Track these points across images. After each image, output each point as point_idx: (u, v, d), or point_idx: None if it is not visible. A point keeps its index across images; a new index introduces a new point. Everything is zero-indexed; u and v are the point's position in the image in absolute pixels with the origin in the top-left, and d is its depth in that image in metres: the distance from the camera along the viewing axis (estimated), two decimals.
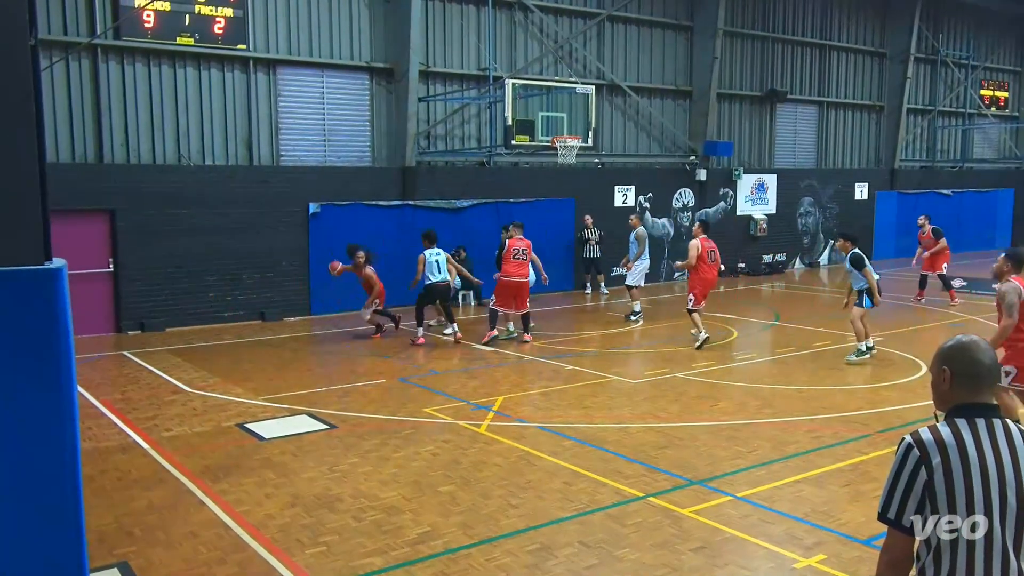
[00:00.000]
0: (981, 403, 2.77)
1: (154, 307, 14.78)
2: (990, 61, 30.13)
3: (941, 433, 2.72)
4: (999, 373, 2.92)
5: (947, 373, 2.83)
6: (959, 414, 2.77)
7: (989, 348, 2.87)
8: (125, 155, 14.74)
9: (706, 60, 21.71)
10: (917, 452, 2.71)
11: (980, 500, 2.64)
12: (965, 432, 2.71)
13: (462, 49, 18.38)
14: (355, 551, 5.85)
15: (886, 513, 2.76)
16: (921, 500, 2.69)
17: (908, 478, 2.71)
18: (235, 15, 15.33)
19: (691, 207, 22.21)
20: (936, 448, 2.69)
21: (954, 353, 2.85)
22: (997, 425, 2.74)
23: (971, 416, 2.75)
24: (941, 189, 28.55)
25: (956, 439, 2.70)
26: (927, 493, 2.68)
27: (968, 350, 2.83)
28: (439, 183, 17.84)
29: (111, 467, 7.67)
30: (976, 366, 2.80)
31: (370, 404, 9.84)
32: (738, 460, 7.76)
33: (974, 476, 2.65)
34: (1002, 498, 2.65)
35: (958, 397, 2.80)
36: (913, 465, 2.70)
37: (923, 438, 2.73)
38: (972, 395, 2.78)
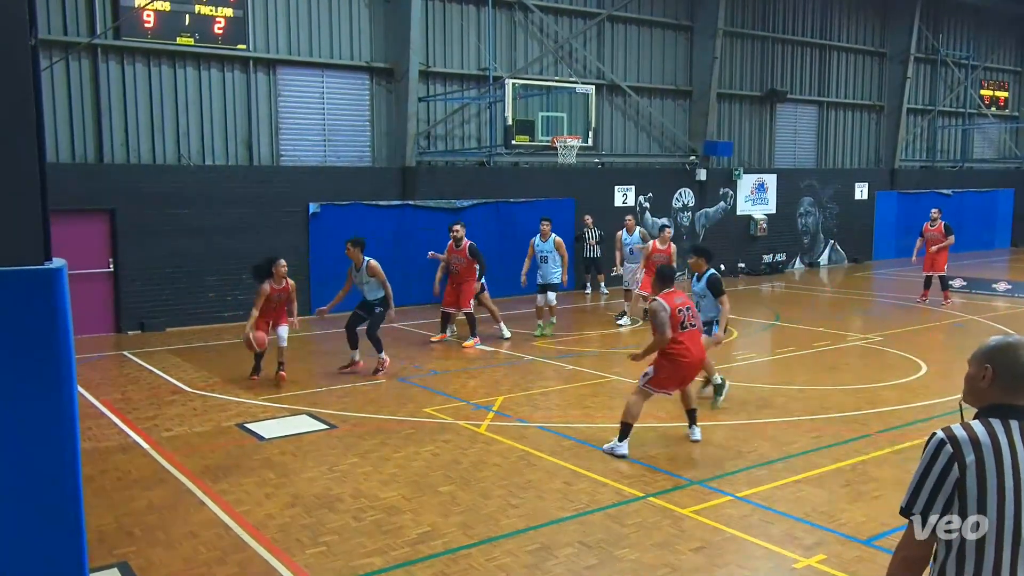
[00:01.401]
0: (1019, 405, 2.71)
1: (154, 307, 14.78)
2: (990, 61, 30.13)
3: (976, 431, 2.66)
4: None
5: (988, 371, 2.75)
6: (995, 414, 2.70)
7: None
8: (125, 155, 14.74)
9: (706, 60, 21.71)
10: (950, 448, 2.63)
11: (1011, 502, 2.59)
12: (1000, 432, 2.65)
13: (462, 49, 18.38)
14: (355, 551, 5.86)
15: (911, 508, 2.68)
16: (950, 498, 2.62)
17: (939, 474, 2.63)
18: (235, 15, 15.33)
19: (691, 207, 22.22)
20: (970, 445, 2.62)
21: (1000, 352, 2.77)
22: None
23: (1007, 417, 2.68)
24: (941, 189, 28.53)
25: (992, 438, 2.63)
26: (957, 491, 2.61)
27: (1015, 350, 2.76)
28: (439, 183, 17.84)
29: (111, 467, 7.67)
30: (1020, 367, 2.72)
31: (370, 404, 9.85)
32: (738, 460, 7.76)
33: (1006, 477, 2.59)
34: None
35: (996, 396, 2.73)
36: (945, 461, 2.62)
37: (956, 435, 2.65)
38: (1011, 396, 2.72)
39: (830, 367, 11.69)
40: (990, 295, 18.50)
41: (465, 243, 13.36)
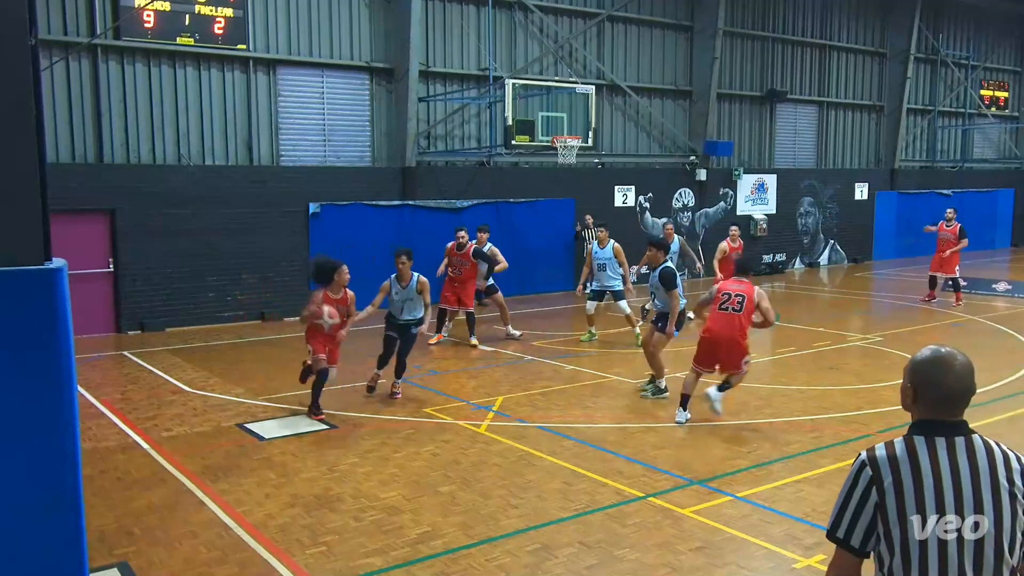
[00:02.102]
0: (944, 420, 2.61)
1: (154, 307, 14.78)
2: (990, 61, 30.12)
3: (896, 450, 2.59)
4: (970, 394, 2.64)
5: (910, 389, 2.67)
6: (919, 430, 2.63)
7: (965, 368, 2.63)
8: (125, 155, 14.74)
9: (706, 60, 21.71)
10: (869, 471, 2.58)
11: (933, 522, 2.50)
12: (921, 450, 2.57)
13: (462, 49, 18.38)
14: (355, 551, 5.85)
15: (835, 532, 2.64)
16: (872, 521, 2.57)
17: (859, 498, 2.59)
18: (235, 15, 15.33)
19: (691, 207, 22.22)
20: (888, 466, 2.56)
21: (921, 370, 2.66)
22: (959, 444, 2.58)
23: (933, 433, 2.60)
24: (941, 189, 28.54)
25: (911, 456, 2.56)
26: (878, 513, 2.56)
27: (937, 368, 2.63)
28: (439, 183, 17.85)
29: (111, 467, 7.67)
30: (940, 389, 2.61)
31: (370, 404, 9.85)
32: (738, 460, 7.76)
33: (927, 497, 2.50)
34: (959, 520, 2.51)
35: (921, 412, 2.66)
36: (865, 485, 2.58)
37: (876, 455, 2.61)
38: (935, 412, 2.62)
39: (830, 367, 11.70)
40: (990, 295, 18.50)
41: (469, 246, 13.37)
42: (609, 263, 13.43)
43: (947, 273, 17.00)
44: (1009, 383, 10.66)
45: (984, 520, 2.50)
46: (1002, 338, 13.74)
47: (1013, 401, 9.76)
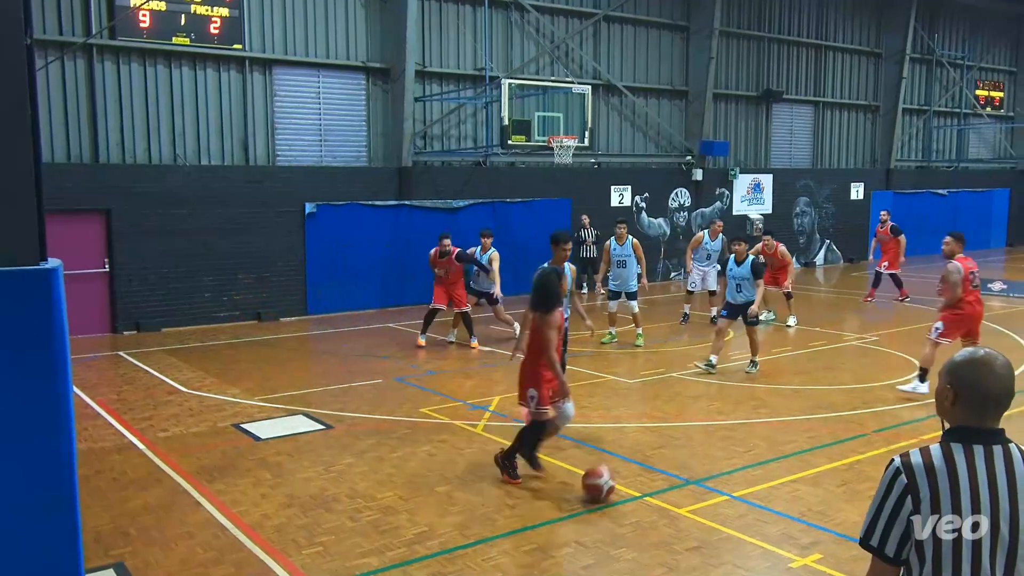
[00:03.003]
0: (983, 428, 2.55)
1: (150, 307, 14.76)
2: (985, 61, 30.19)
3: (933, 458, 2.53)
4: (1010, 398, 2.56)
5: (950, 392, 2.60)
6: (956, 437, 2.57)
7: (1006, 371, 2.56)
8: (121, 155, 14.72)
9: (702, 60, 21.73)
10: (904, 479, 2.53)
11: (968, 532, 2.47)
12: (959, 458, 2.51)
13: (458, 49, 18.38)
14: (351, 551, 5.85)
15: (869, 540, 2.60)
16: (906, 530, 2.53)
17: (894, 506, 2.54)
18: (231, 15, 15.32)
19: (687, 207, 22.24)
20: (925, 475, 2.51)
21: (962, 371, 2.59)
22: (997, 452, 2.52)
23: (970, 441, 2.54)
24: (937, 189, 28.60)
25: (948, 466, 2.51)
26: (913, 524, 2.52)
27: (978, 370, 2.57)
28: (436, 183, 17.84)
29: (107, 468, 7.65)
30: (983, 391, 2.54)
31: (366, 404, 9.84)
32: (734, 460, 7.77)
33: (963, 508, 2.47)
34: (993, 532, 2.48)
35: (960, 418, 2.58)
36: (899, 493, 2.53)
37: (912, 462, 2.55)
38: (976, 418, 2.56)
39: (826, 367, 11.71)
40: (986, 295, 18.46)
41: (452, 251, 13.31)
42: (629, 259, 13.31)
43: (891, 269, 17.73)
44: None
45: (1022, 530, 2.49)
46: (999, 337, 13.77)
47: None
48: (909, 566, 2.56)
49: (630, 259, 13.31)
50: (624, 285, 13.31)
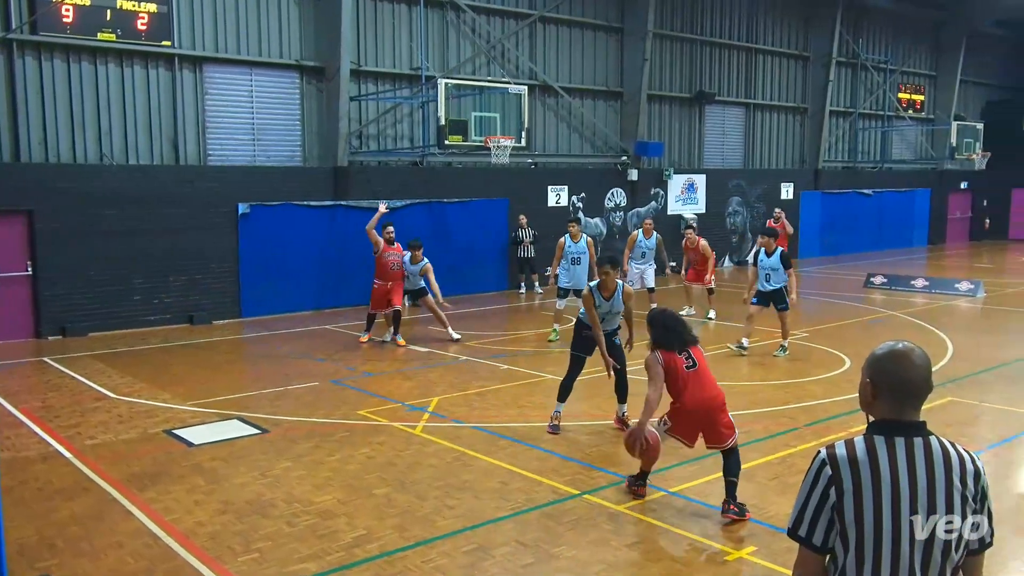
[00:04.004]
0: (905, 420, 2.60)
1: (76, 311, 14.30)
2: (907, 65, 31.24)
3: (857, 450, 2.58)
4: (930, 386, 2.65)
5: (869, 385, 2.65)
6: (879, 430, 2.61)
7: (923, 362, 2.63)
8: (43, 154, 14.24)
9: (636, 61, 22.01)
10: (829, 471, 2.58)
11: (889, 525, 2.53)
12: (881, 450, 2.57)
13: (394, 48, 18.27)
14: (289, 557, 5.76)
15: (797, 530, 2.65)
16: (831, 520, 2.58)
17: (820, 497, 2.60)
18: (159, 11, 14.94)
19: (623, 207, 22.50)
20: (848, 467, 2.56)
21: (881, 363, 2.64)
22: (917, 444, 2.58)
23: (891, 434, 2.59)
24: (862, 189, 29.49)
25: (870, 457, 2.56)
26: (836, 514, 2.57)
27: (898, 362, 2.62)
28: (372, 183, 17.68)
29: (31, 477, 7.39)
30: (902, 382, 2.60)
31: (303, 407, 9.70)
32: (671, 456, 7.87)
33: (884, 499, 2.53)
34: (911, 521, 2.53)
35: (882, 411, 2.63)
36: (825, 484, 2.59)
37: (837, 454, 2.60)
38: (896, 411, 2.61)
39: (759, 363, 11.97)
40: (909, 291, 19.18)
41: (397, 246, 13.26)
42: (583, 257, 13.33)
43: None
44: None
45: (938, 521, 2.54)
46: (921, 332, 14.26)
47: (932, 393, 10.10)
48: (835, 554, 2.62)
49: (584, 256, 13.35)
50: (577, 283, 13.27)
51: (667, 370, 6.50)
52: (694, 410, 6.50)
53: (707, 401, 6.51)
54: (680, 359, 6.54)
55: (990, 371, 11.62)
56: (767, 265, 12.33)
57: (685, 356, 6.56)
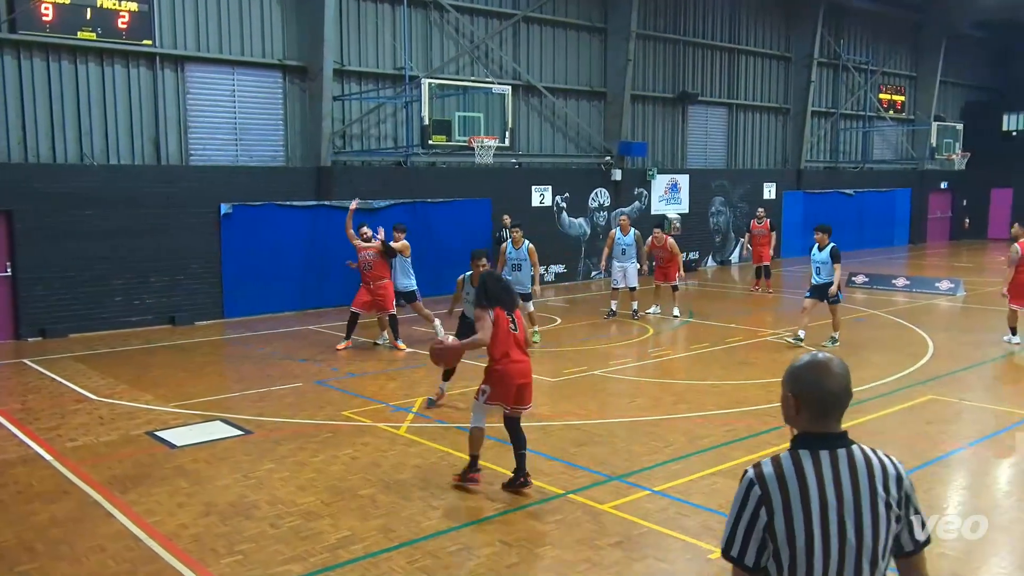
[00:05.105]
0: (827, 433, 2.60)
1: (56, 312, 14.17)
2: (887, 66, 31.49)
3: (784, 468, 2.56)
4: (849, 398, 2.65)
5: (791, 399, 2.63)
6: (803, 444, 2.60)
7: (842, 371, 2.64)
8: (23, 154, 14.11)
9: (620, 62, 22.05)
10: (759, 490, 2.55)
11: (819, 540, 2.51)
12: (807, 465, 2.55)
13: (378, 48, 18.22)
14: (272, 559, 5.74)
15: (729, 551, 2.61)
16: (763, 539, 2.55)
17: (750, 518, 2.56)
18: (140, 9, 14.82)
19: (607, 207, 22.54)
20: (777, 484, 2.54)
21: (801, 375, 2.64)
22: (841, 456, 2.58)
23: (815, 447, 2.58)
24: (844, 189, 29.69)
25: (798, 473, 2.54)
26: (767, 533, 2.54)
27: (816, 373, 2.62)
28: (355, 183, 17.60)
29: (10, 480, 7.32)
30: (824, 394, 2.60)
31: (286, 408, 9.66)
32: (655, 455, 7.91)
33: (814, 515, 2.51)
34: (841, 536, 2.53)
35: (804, 425, 2.62)
36: (755, 504, 2.55)
37: (765, 472, 2.57)
38: (819, 423, 2.60)
39: (742, 362, 12.02)
40: (890, 290, 19.33)
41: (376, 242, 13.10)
42: (524, 264, 13.33)
43: (765, 262, 19.38)
44: (909, 374, 11.17)
45: (865, 531, 2.55)
46: (902, 331, 14.39)
47: (913, 391, 10.22)
48: (768, 573, 2.59)
49: (525, 263, 13.31)
50: (519, 287, 13.05)
51: (496, 324, 6.93)
52: (511, 373, 6.95)
53: (522, 363, 7.03)
54: (507, 320, 7.00)
55: (970, 369, 11.73)
56: (818, 259, 12.96)
57: (511, 319, 7.03)
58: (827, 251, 12.83)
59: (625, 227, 15.74)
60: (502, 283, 7.28)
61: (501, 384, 6.96)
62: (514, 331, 7.03)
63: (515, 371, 6.96)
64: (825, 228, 13.16)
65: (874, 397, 9.90)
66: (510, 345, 6.97)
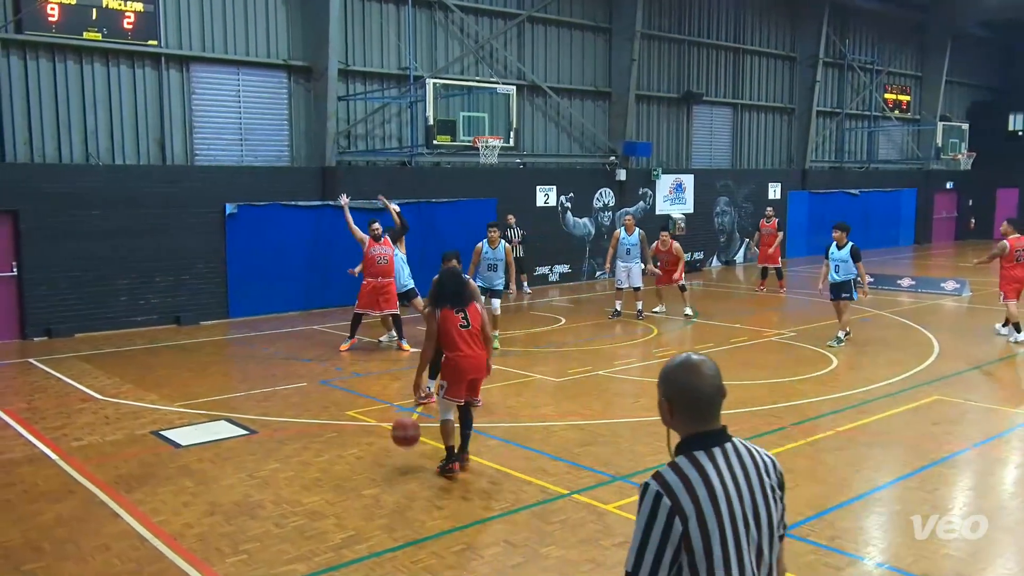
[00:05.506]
0: (712, 430, 2.56)
1: (62, 312, 14.21)
2: (893, 66, 31.42)
3: (687, 473, 2.48)
4: (722, 397, 2.61)
5: (666, 402, 2.60)
6: (695, 446, 2.54)
7: (712, 372, 2.60)
8: (29, 154, 14.15)
9: (624, 62, 22.04)
10: (668, 501, 2.43)
11: (731, 539, 2.45)
12: (708, 467, 2.49)
13: (382, 48, 18.23)
14: (277, 558, 5.74)
15: (638, 571, 2.44)
16: (677, 550, 2.41)
17: (663, 532, 2.42)
18: (145, 10, 14.86)
19: (611, 207, 22.53)
20: (685, 491, 2.44)
21: (672, 378, 2.61)
22: (730, 451, 2.56)
23: (709, 446, 2.54)
24: (849, 189, 29.63)
25: (701, 476, 2.47)
26: (683, 543, 2.41)
27: (687, 375, 2.59)
28: (360, 183, 17.60)
29: (16, 480, 7.34)
30: (698, 395, 2.57)
31: (291, 408, 9.67)
32: (659, 455, 7.89)
33: (724, 516, 2.45)
34: (746, 528, 2.49)
35: (687, 427, 2.58)
36: (667, 516, 2.42)
37: (669, 481, 2.47)
38: (697, 424, 2.57)
39: (746, 362, 12.00)
40: (895, 290, 19.29)
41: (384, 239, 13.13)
42: (500, 264, 13.22)
43: (772, 263, 19.34)
44: (915, 374, 11.15)
45: (762, 519, 2.54)
46: (908, 331, 14.36)
47: (918, 391, 10.19)
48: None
49: (501, 264, 13.22)
50: (490, 284, 13.15)
51: (444, 323, 7.27)
52: (462, 367, 7.25)
53: (474, 358, 7.31)
54: (457, 317, 7.30)
55: (976, 369, 11.70)
56: (837, 257, 13.07)
57: (461, 316, 7.32)
58: (847, 249, 12.98)
59: (630, 227, 15.75)
60: (457, 279, 7.55)
61: (453, 378, 7.30)
62: (465, 327, 7.31)
63: (466, 365, 7.28)
64: (844, 226, 13.29)
65: (880, 397, 9.88)
66: (461, 340, 7.27)
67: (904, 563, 5.65)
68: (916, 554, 5.77)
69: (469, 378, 7.36)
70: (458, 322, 7.29)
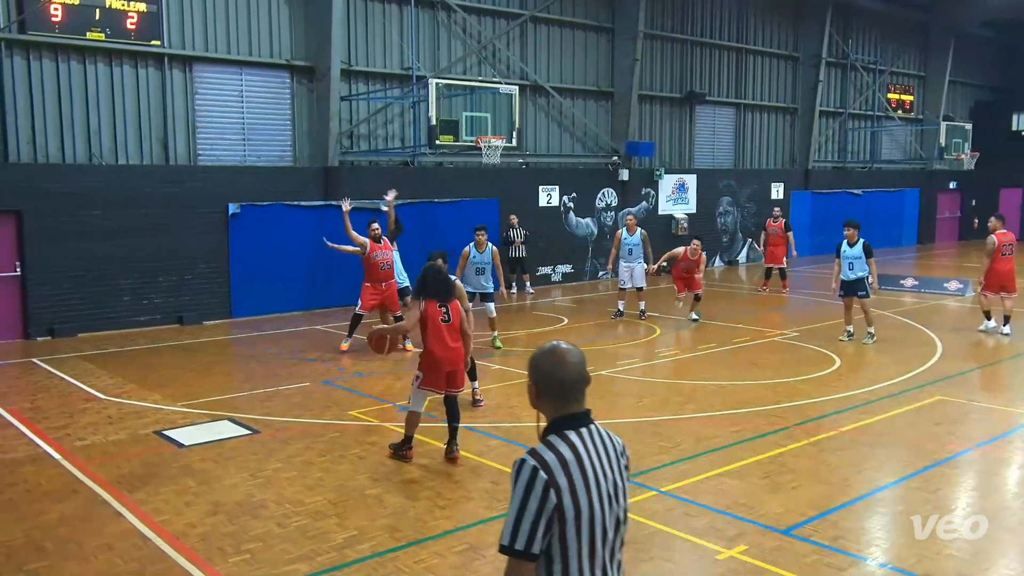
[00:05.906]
0: (578, 412, 2.75)
1: (65, 312, 14.23)
2: (896, 66, 31.37)
3: (560, 450, 2.67)
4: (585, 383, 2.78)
5: (533, 387, 2.79)
6: (565, 426, 2.73)
7: (576, 360, 2.76)
8: (32, 154, 14.17)
9: (627, 62, 22.03)
10: (544, 475, 2.61)
11: (598, 510, 2.67)
12: (578, 444, 2.70)
13: (385, 48, 18.24)
14: (279, 558, 5.75)
15: (514, 544, 2.59)
16: (550, 521, 2.60)
17: (539, 504, 2.59)
18: (148, 10, 14.87)
19: (614, 207, 22.52)
20: (560, 468, 2.63)
21: (538, 365, 2.79)
22: (594, 432, 2.77)
23: (576, 427, 2.73)
24: (852, 189, 29.59)
25: (574, 454, 2.67)
26: (556, 515, 2.60)
27: (551, 362, 2.76)
28: (362, 183, 17.61)
29: (19, 479, 7.35)
30: (560, 382, 2.74)
31: (293, 408, 9.68)
32: (662, 455, 7.89)
33: (592, 489, 2.66)
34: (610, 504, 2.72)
35: (553, 409, 2.77)
36: (542, 489, 2.59)
37: (546, 458, 2.64)
38: (563, 407, 2.75)
39: (749, 362, 11.99)
40: (898, 291, 19.26)
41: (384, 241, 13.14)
42: (489, 267, 13.15)
43: (777, 264, 19.32)
44: (918, 374, 11.13)
45: (620, 496, 2.79)
46: (911, 331, 14.33)
47: (921, 392, 10.18)
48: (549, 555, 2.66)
49: (490, 267, 13.15)
50: (480, 288, 13.07)
51: (426, 315, 7.63)
52: (440, 360, 7.61)
53: (452, 352, 7.69)
54: (439, 311, 7.68)
55: (979, 370, 11.68)
56: (850, 255, 13.12)
57: (444, 311, 7.70)
58: (859, 246, 13.06)
59: (632, 227, 15.71)
60: (441, 276, 7.93)
61: (431, 370, 7.65)
62: (446, 322, 7.69)
63: (444, 359, 7.64)
64: (855, 224, 13.33)
65: (883, 398, 9.87)
66: (441, 335, 7.64)
67: (907, 564, 5.64)
68: (919, 554, 5.76)
69: (446, 370, 7.69)
70: (440, 316, 7.68)
